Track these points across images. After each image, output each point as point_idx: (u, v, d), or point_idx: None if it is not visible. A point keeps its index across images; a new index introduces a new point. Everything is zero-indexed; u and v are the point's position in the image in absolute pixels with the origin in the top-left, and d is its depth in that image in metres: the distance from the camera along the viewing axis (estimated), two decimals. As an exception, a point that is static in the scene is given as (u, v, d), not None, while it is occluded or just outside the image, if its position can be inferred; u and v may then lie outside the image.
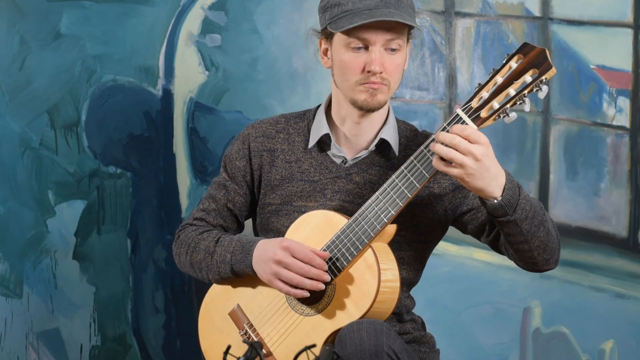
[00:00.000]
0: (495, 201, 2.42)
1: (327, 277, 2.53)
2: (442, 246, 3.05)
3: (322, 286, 2.53)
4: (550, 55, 2.36)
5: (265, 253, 2.57)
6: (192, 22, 3.40)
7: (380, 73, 2.56)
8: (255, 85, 3.41)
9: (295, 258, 2.52)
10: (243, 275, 2.65)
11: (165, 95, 3.41)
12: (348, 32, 2.56)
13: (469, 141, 2.36)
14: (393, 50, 2.57)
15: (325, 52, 2.67)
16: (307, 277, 2.52)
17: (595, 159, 3.26)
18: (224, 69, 3.41)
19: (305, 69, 3.39)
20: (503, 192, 2.42)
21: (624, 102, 3.23)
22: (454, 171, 2.38)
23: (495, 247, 2.64)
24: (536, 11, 3.29)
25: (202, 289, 2.81)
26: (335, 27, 2.57)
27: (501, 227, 2.49)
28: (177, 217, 3.44)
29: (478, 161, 2.36)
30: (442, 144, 2.38)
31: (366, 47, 2.57)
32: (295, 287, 2.53)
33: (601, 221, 3.27)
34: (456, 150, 2.36)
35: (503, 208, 2.43)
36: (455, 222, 2.70)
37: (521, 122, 3.31)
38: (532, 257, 2.54)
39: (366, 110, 2.62)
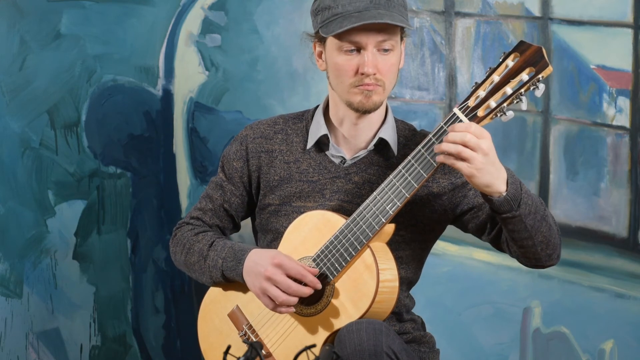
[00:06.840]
0: (501, 196, 2.41)
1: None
2: (442, 246, 3.05)
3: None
4: (549, 54, 2.36)
5: (256, 266, 2.56)
6: (192, 22, 3.40)
7: (374, 74, 2.55)
8: (255, 85, 3.41)
9: (287, 275, 2.52)
10: (234, 281, 2.65)
11: (165, 95, 3.41)
12: (339, 36, 2.55)
13: (475, 137, 2.36)
14: (386, 50, 2.56)
15: (319, 55, 2.66)
16: (297, 296, 2.52)
17: (595, 159, 3.26)
18: (224, 69, 3.41)
19: (305, 69, 3.38)
20: (507, 186, 2.42)
21: (624, 102, 3.23)
22: (463, 168, 2.37)
23: (497, 244, 2.63)
24: (536, 11, 3.28)
25: (202, 289, 2.81)
26: (326, 32, 2.56)
27: (505, 224, 2.48)
28: (177, 217, 3.44)
29: (486, 155, 2.36)
30: (452, 142, 2.37)
31: (358, 50, 2.56)
32: (281, 304, 2.53)
33: (601, 221, 3.27)
34: (465, 146, 2.36)
35: (509, 203, 2.42)
36: (456, 221, 2.69)
37: (521, 122, 3.30)
38: (536, 253, 2.53)
39: (362, 112, 2.61)
